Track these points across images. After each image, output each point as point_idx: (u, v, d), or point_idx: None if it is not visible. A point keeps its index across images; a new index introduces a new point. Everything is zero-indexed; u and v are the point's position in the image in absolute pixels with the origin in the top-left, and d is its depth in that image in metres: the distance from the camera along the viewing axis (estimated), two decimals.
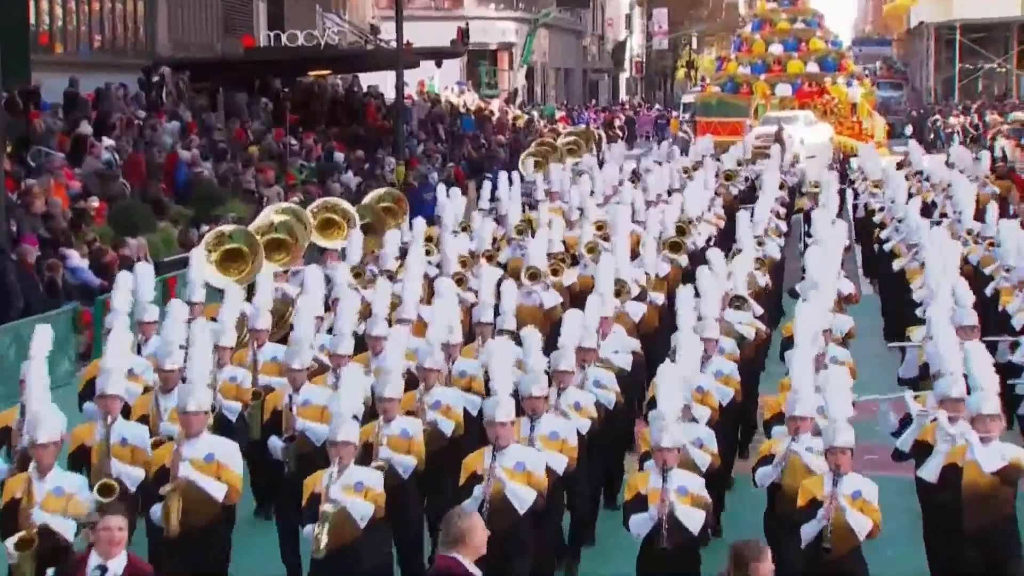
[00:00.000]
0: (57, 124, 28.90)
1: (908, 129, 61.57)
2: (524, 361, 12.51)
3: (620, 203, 23.29)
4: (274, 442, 12.74)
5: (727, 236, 23.77)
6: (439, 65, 51.22)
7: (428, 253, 19.52)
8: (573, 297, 18.30)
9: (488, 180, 26.70)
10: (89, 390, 12.96)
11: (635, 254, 19.18)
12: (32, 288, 20.88)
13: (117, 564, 8.97)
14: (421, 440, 12.06)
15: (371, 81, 47.40)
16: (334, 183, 32.80)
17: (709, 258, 17.43)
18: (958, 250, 18.90)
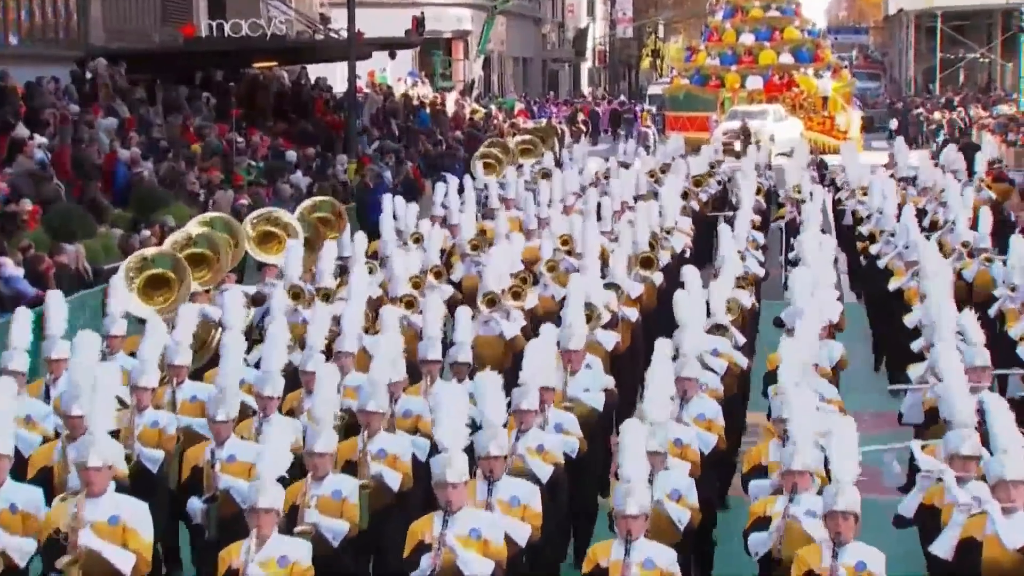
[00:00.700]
0: None
1: (892, 123, 59.03)
2: (481, 412, 10.86)
3: (586, 211, 21.67)
4: (193, 504, 11.26)
5: (699, 246, 22.25)
6: (393, 56, 49.27)
7: (371, 271, 17.83)
8: (533, 322, 16.53)
9: (441, 183, 24.76)
10: None
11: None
12: None
13: None
14: (356, 502, 10.69)
15: (319, 73, 45.64)
16: (284, 183, 31.24)
17: (684, 278, 15.79)
18: (950, 268, 17.54)
